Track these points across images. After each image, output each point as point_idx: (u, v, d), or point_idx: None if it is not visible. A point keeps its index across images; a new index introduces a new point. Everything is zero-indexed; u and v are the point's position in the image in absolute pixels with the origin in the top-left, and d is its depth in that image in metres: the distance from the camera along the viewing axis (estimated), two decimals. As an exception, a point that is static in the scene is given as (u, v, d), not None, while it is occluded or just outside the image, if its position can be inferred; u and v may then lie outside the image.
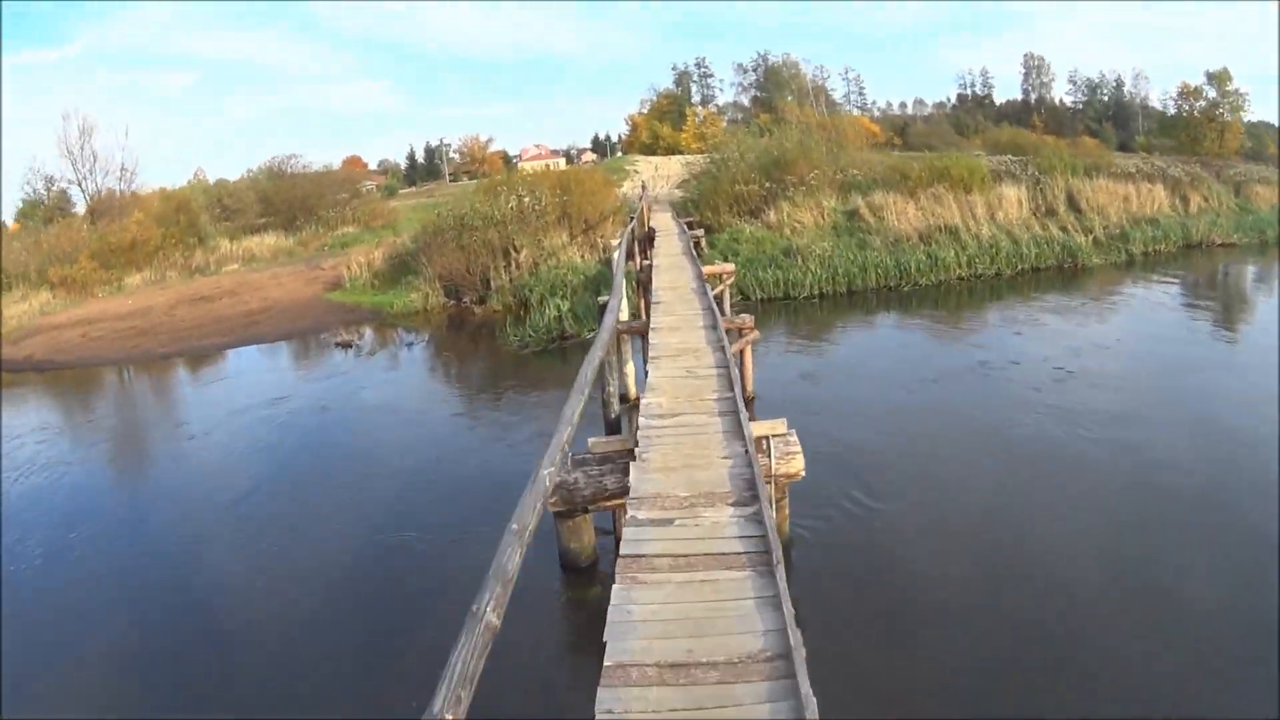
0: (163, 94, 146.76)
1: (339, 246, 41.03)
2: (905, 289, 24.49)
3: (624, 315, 15.05)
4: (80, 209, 52.24)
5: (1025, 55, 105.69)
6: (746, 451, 7.30)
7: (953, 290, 24.46)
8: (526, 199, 27.48)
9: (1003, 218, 29.19)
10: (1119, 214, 31.14)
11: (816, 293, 23.94)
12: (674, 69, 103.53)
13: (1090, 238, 28.65)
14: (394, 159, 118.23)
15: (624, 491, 7.30)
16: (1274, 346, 16.17)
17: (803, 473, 8.60)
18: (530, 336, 20.36)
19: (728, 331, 13.03)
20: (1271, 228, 32.61)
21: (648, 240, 26.71)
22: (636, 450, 7.76)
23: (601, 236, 27.44)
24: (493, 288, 25.80)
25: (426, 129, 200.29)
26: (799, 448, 8.67)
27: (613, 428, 10.78)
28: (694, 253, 21.22)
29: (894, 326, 20.87)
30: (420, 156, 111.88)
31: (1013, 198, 30.51)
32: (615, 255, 15.25)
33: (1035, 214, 30.41)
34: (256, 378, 21.25)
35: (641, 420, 8.59)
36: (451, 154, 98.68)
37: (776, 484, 8.66)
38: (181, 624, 8.91)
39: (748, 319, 14.01)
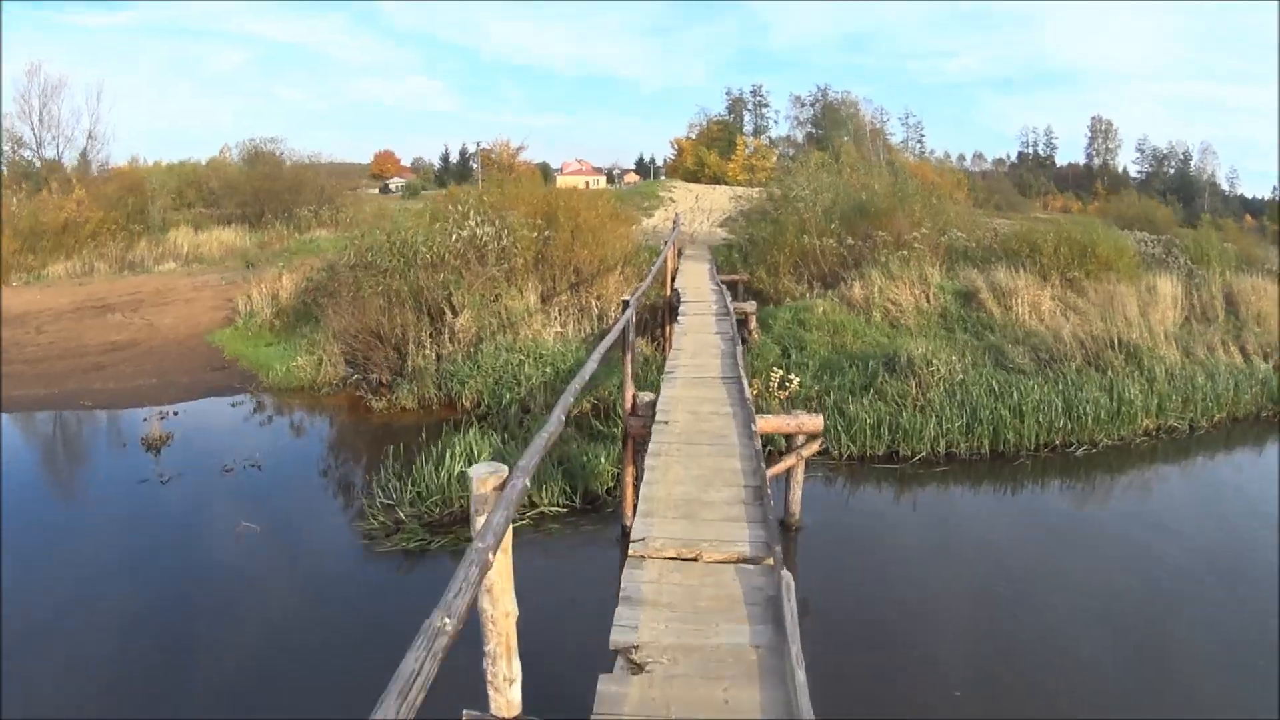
0: (212, 70, 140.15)
1: (304, 253, 30.94)
2: (1076, 451, 13.21)
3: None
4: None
5: (1093, 118, 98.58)
6: None
7: (1138, 454, 13.34)
8: (482, 229, 16.66)
9: (1158, 322, 18.31)
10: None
11: (941, 450, 12.77)
12: (728, 93, 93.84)
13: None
14: (429, 158, 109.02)
15: None
16: None
17: None
18: (407, 511, 9.67)
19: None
20: None
21: (668, 312, 16.33)
22: None
23: (599, 298, 16.96)
24: (409, 367, 15.19)
25: (475, 133, 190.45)
26: None
27: None
28: (739, 358, 10.83)
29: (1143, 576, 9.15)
30: (456, 158, 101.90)
31: (1167, 295, 19.63)
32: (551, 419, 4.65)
33: (1190, 318, 19.54)
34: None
35: None
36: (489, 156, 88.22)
37: None
38: None
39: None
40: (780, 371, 13.31)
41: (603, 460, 10.38)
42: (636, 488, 7.12)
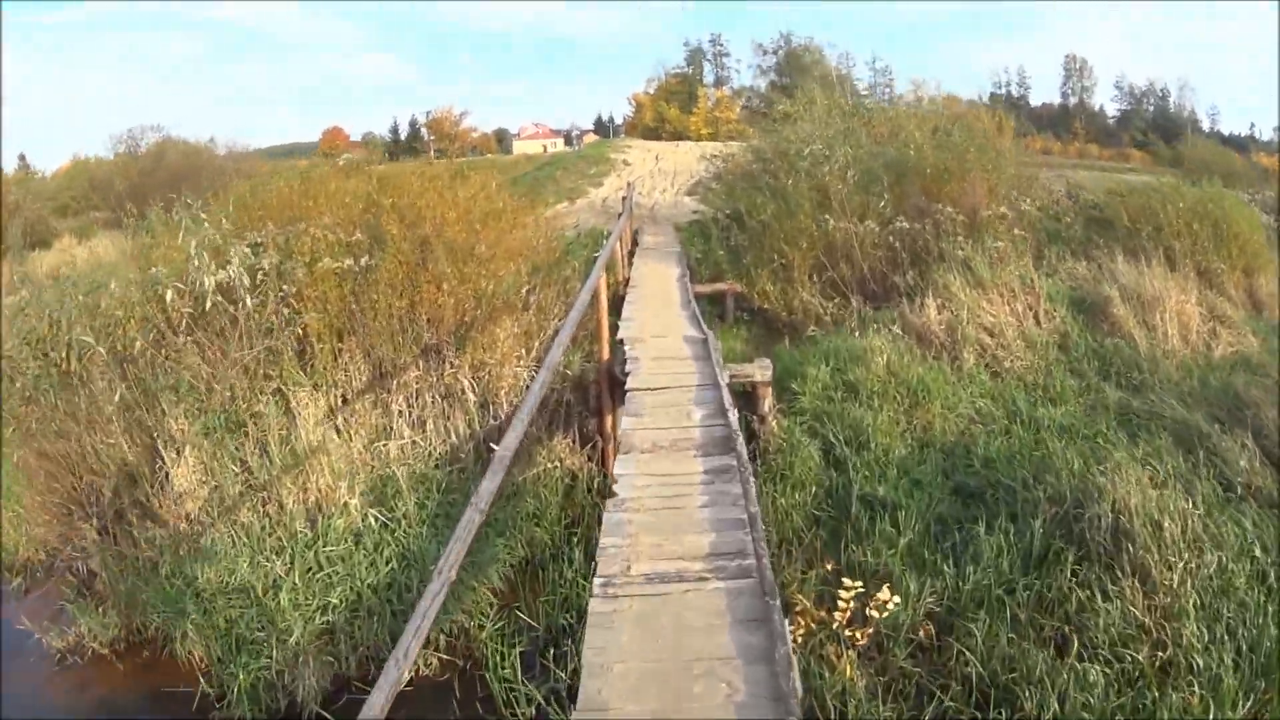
0: (169, 60, 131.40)
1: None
2: None
3: None
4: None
5: (1066, 57, 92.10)
6: None
7: None
8: (213, 276, 7.36)
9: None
10: None
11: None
12: (686, 45, 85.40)
13: None
14: (379, 132, 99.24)
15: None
16: None
17: None
18: None
19: None
20: None
21: (610, 390, 8.37)
22: None
23: (478, 368, 8.79)
24: (99, 562, 6.63)
25: (433, 106, 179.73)
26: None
27: None
28: (791, 668, 2.91)
29: None
30: (406, 129, 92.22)
31: (1307, 288, 12.25)
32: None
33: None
34: None
35: None
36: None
37: None
38: None
39: None
40: (854, 586, 5.41)
41: None
42: None
